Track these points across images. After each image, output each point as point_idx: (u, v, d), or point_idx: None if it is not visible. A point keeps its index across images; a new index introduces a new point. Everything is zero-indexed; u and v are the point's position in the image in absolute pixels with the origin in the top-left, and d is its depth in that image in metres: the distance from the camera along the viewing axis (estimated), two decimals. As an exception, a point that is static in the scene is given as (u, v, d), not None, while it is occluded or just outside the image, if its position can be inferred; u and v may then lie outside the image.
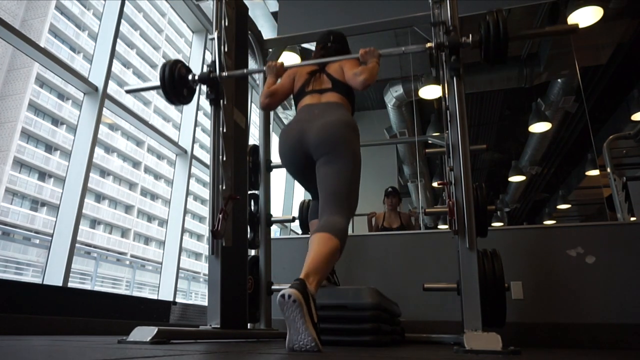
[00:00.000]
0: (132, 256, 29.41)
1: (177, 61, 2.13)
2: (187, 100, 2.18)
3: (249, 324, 2.33)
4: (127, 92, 2.32)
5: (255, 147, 2.70)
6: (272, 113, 2.88)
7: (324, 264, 1.52)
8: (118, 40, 3.20)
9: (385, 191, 4.23)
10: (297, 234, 4.32)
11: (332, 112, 1.92)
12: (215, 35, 2.12)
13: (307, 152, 1.88)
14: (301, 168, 1.99)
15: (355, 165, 1.84)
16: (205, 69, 2.09)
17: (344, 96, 2.03)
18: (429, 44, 1.95)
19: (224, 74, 2.08)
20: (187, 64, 2.17)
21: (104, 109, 3.02)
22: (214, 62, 2.09)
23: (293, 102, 2.21)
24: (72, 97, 29.51)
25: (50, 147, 28.77)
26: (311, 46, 4.80)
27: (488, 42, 1.85)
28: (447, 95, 1.96)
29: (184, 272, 14.21)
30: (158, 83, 2.09)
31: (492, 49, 1.85)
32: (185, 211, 3.93)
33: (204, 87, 2.11)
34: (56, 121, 29.24)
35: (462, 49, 1.90)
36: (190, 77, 2.11)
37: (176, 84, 2.07)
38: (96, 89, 2.96)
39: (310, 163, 1.89)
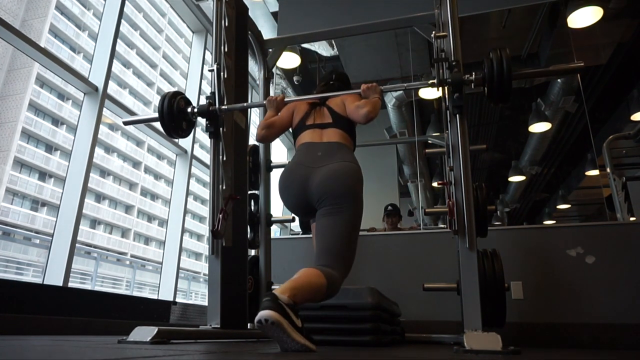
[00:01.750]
0: (132, 256, 29.41)
1: (177, 93, 2.09)
2: (186, 133, 2.13)
3: (249, 324, 2.33)
4: (125, 124, 2.28)
5: (255, 147, 2.70)
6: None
7: (305, 288, 1.44)
8: (118, 40, 3.20)
9: (385, 210, 4.17)
10: (297, 234, 4.32)
11: (336, 156, 1.84)
12: (214, 67, 2.08)
13: (309, 199, 1.80)
14: (302, 212, 1.94)
15: (357, 218, 1.77)
16: (204, 101, 2.06)
17: (345, 132, 1.97)
18: (431, 81, 1.92)
19: (224, 107, 2.05)
20: (186, 96, 2.13)
21: (104, 109, 3.02)
22: (213, 93, 2.06)
23: (292, 138, 2.15)
24: (72, 97, 29.51)
25: (50, 147, 28.76)
26: (311, 46, 4.81)
27: (492, 80, 1.82)
28: (447, 95, 1.96)
29: (184, 272, 14.20)
30: (156, 115, 2.05)
31: (496, 88, 1.82)
32: (185, 211, 3.93)
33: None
34: (56, 121, 29.23)
35: (465, 85, 1.87)
36: (189, 109, 2.07)
37: (175, 117, 2.03)
38: (96, 89, 2.96)
39: (312, 209, 1.82)
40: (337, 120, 1.98)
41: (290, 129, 2.12)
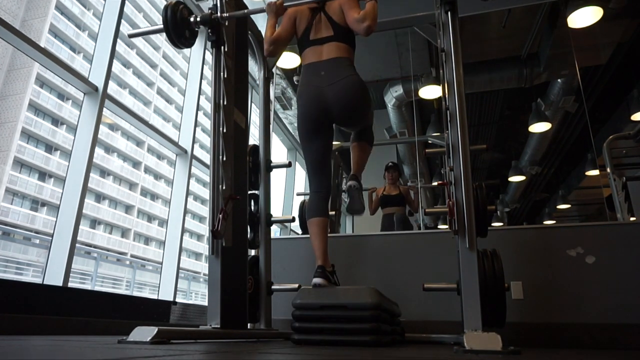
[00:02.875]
0: (132, 256, 29.41)
1: (179, 2, 2.15)
2: (189, 42, 2.22)
3: (249, 324, 2.33)
4: (130, 36, 2.36)
5: (255, 147, 2.70)
6: (271, 113, 2.88)
7: (364, 163, 2.34)
8: (118, 40, 3.19)
9: (386, 166, 4.56)
10: (297, 234, 4.32)
11: (338, 72, 2.09)
12: None
13: (327, 114, 2.13)
14: (322, 127, 2.20)
15: (371, 115, 2.33)
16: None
17: (344, 44, 2.14)
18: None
19: (225, 14, 2.11)
20: (187, 6, 2.21)
21: (104, 109, 3.02)
22: (215, 5, 2.13)
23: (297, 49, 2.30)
24: (72, 97, 29.51)
25: (50, 147, 28.76)
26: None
27: None
28: (447, 95, 1.96)
29: (184, 272, 14.21)
30: (161, 25, 2.12)
31: None
32: (185, 211, 3.92)
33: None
34: (56, 121, 29.24)
35: None
36: (192, 18, 2.15)
37: (178, 25, 2.11)
38: (96, 89, 2.96)
39: (330, 123, 2.20)
40: (337, 31, 2.14)
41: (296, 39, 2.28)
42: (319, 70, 2.13)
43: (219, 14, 2.11)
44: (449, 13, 1.95)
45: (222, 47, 2.11)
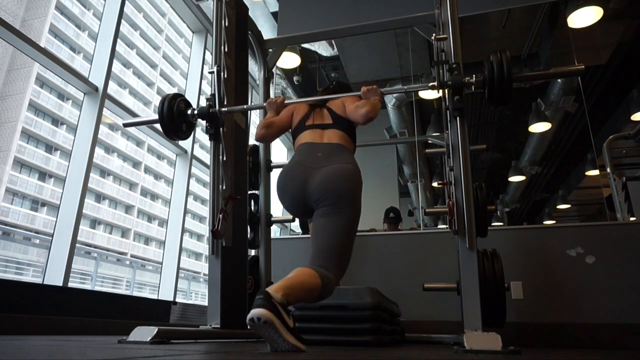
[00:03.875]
0: (132, 256, 29.39)
1: (177, 95, 2.10)
2: (186, 135, 2.13)
3: (249, 324, 2.33)
4: (125, 125, 2.30)
5: (255, 147, 2.70)
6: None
7: (298, 288, 1.45)
8: (118, 40, 3.19)
9: (386, 215, 4.17)
10: (297, 234, 4.32)
11: (336, 157, 1.83)
12: (215, 69, 2.08)
13: (307, 199, 1.79)
14: (300, 212, 1.92)
15: (354, 221, 1.76)
16: (204, 103, 2.07)
17: (345, 134, 1.96)
18: (431, 84, 1.93)
19: (224, 109, 2.05)
20: (186, 98, 2.14)
21: (104, 109, 3.02)
22: (213, 95, 2.06)
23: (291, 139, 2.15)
24: (72, 97, 29.50)
25: (50, 147, 28.75)
26: (311, 46, 4.80)
27: (492, 83, 1.80)
28: (447, 95, 1.96)
29: (184, 272, 14.20)
30: (156, 117, 2.05)
31: (497, 90, 1.81)
32: (185, 211, 3.93)
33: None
34: (56, 121, 29.23)
35: (466, 89, 1.87)
36: (189, 111, 2.08)
37: (175, 119, 2.04)
38: (96, 89, 2.96)
39: (310, 209, 1.81)
40: (337, 121, 1.97)
41: (290, 130, 2.11)
42: (317, 151, 1.87)
43: (217, 108, 2.04)
44: (457, 118, 1.90)
45: (221, 135, 2.04)
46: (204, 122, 2.11)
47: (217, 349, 1.47)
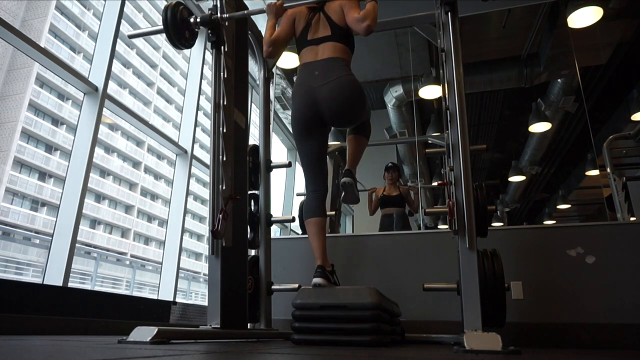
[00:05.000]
0: (132, 256, 29.40)
1: (179, 3, 2.15)
2: (189, 43, 2.22)
3: (249, 324, 2.33)
4: (130, 37, 2.36)
5: (255, 147, 2.70)
6: (271, 113, 2.88)
7: (360, 157, 2.35)
8: (118, 40, 3.19)
9: (385, 166, 4.52)
10: (297, 234, 4.32)
11: (331, 72, 2.07)
12: None
13: (320, 115, 2.11)
14: (313, 129, 2.17)
15: (368, 111, 2.29)
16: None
17: (342, 44, 2.13)
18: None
19: (225, 15, 2.12)
20: (188, 7, 2.21)
21: (104, 109, 3.02)
22: (215, 5, 2.13)
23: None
24: (72, 97, 29.51)
25: (50, 147, 28.76)
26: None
27: None
28: (447, 95, 1.96)
29: (184, 272, 14.20)
30: (161, 26, 2.12)
31: None
32: (185, 211, 3.92)
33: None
34: (56, 121, 29.24)
35: None
36: (192, 19, 2.15)
37: (178, 26, 2.10)
38: (96, 89, 2.96)
39: (322, 125, 2.16)
40: (335, 31, 2.13)
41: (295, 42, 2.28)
42: (314, 70, 2.12)
43: (219, 15, 2.11)
44: (449, 13, 1.95)
45: (222, 48, 2.11)
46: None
47: (217, 349, 1.47)
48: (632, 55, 4.72)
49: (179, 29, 2.11)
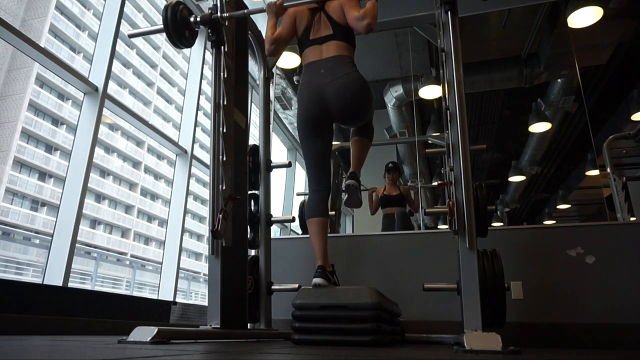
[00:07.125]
0: (132, 256, 29.39)
1: (179, 2, 2.16)
2: (189, 42, 2.23)
3: (249, 324, 2.33)
4: (130, 36, 2.36)
5: (255, 147, 2.70)
6: (271, 113, 2.88)
7: (364, 159, 2.35)
8: (118, 40, 3.19)
9: (386, 166, 4.54)
10: (297, 234, 4.32)
11: (337, 69, 2.09)
12: None
13: (327, 111, 2.13)
14: (320, 125, 2.19)
15: (373, 108, 2.34)
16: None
17: (344, 42, 2.15)
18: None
19: (225, 14, 2.12)
20: (187, 6, 2.21)
21: (104, 109, 3.02)
22: (215, 5, 2.14)
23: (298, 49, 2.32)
24: (72, 97, 29.50)
25: (50, 147, 28.75)
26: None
27: None
28: (447, 95, 1.96)
29: (184, 272, 14.20)
30: (161, 26, 2.12)
31: None
32: (185, 211, 3.92)
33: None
34: (56, 121, 29.23)
35: None
36: (192, 18, 2.16)
37: (178, 26, 2.11)
38: (96, 89, 2.96)
39: (329, 122, 2.19)
40: (337, 30, 2.16)
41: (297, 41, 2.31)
42: (319, 69, 2.14)
43: (219, 14, 2.12)
44: (449, 13, 1.96)
45: (222, 47, 2.11)
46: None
47: (217, 349, 1.47)
48: (632, 55, 4.71)
49: (179, 29, 2.12)
